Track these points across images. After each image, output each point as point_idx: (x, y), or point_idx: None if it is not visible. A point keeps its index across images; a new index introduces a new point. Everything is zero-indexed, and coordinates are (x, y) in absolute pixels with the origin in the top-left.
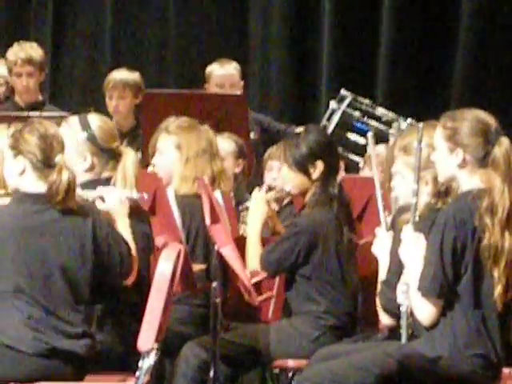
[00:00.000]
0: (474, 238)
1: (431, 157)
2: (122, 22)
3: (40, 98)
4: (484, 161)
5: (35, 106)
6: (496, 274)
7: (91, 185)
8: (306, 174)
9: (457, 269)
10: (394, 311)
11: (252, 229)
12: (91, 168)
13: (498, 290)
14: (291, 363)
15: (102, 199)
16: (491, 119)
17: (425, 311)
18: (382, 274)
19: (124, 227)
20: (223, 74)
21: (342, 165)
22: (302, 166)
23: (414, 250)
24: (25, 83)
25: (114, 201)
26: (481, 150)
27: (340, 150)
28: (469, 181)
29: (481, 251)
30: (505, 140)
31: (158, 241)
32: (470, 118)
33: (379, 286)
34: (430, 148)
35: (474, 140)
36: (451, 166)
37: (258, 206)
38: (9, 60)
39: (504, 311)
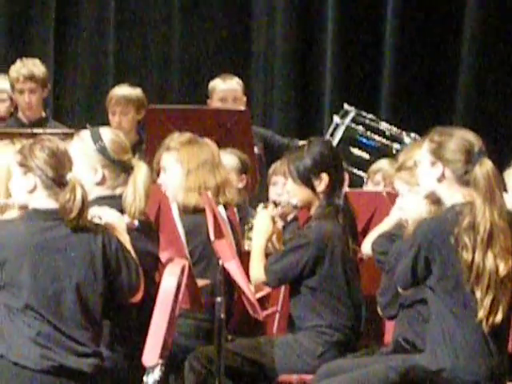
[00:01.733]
0: (450, 252)
1: (416, 170)
2: (125, 38)
3: (43, 114)
4: (463, 179)
5: (38, 123)
6: (478, 295)
7: (104, 201)
8: (311, 186)
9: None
10: (380, 259)
11: (256, 244)
12: (102, 181)
13: (481, 314)
14: (295, 379)
15: (99, 218)
16: (477, 140)
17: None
18: (384, 227)
19: (126, 243)
20: (226, 88)
21: (347, 177)
22: (307, 179)
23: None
24: (27, 100)
25: (112, 218)
26: (461, 167)
27: (344, 164)
28: (450, 197)
29: (461, 270)
30: (487, 162)
31: (163, 256)
32: (457, 136)
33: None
34: None
35: (456, 156)
36: (431, 179)
37: (263, 222)
38: (11, 77)
39: (497, 329)
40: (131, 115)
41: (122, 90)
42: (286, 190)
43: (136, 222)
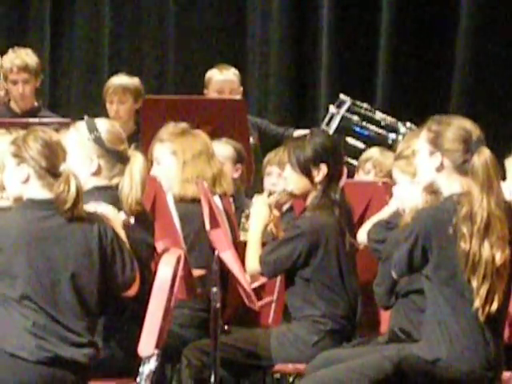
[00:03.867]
0: (448, 242)
1: (415, 160)
2: (121, 27)
3: (36, 104)
4: (462, 168)
5: (31, 113)
6: (475, 284)
7: (100, 192)
8: (309, 176)
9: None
10: (375, 247)
11: (253, 232)
12: (98, 172)
13: (477, 303)
14: (291, 368)
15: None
16: (475, 129)
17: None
18: (384, 214)
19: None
20: (223, 79)
21: (345, 170)
22: (306, 169)
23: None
24: (21, 90)
25: (108, 211)
26: (459, 156)
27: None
28: (449, 186)
29: (458, 259)
30: (485, 150)
31: (158, 246)
32: (455, 124)
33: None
34: None
35: (454, 146)
36: (430, 169)
37: (259, 211)
38: (4, 67)
39: (493, 318)
40: (129, 104)
41: (120, 79)
42: (283, 177)
43: (132, 220)
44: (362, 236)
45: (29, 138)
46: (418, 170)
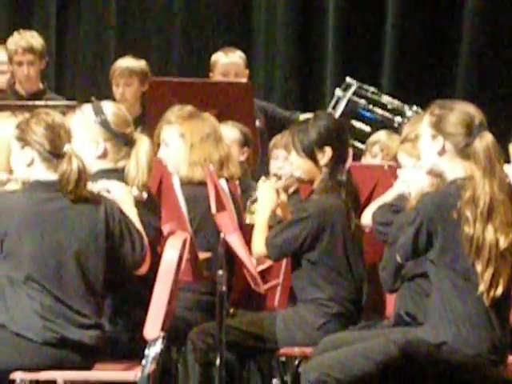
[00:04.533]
0: (452, 226)
1: (418, 144)
2: (127, 9)
3: (41, 86)
4: (464, 152)
5: (36, 95)
6: (479, 268)
7: (106, 174)
8: (314, 160)
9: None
10: (380, 230)
11: (260, 216)
12: (104, 155)
13: (481, 287)
14: (297, 351)
15: (108, 191)
16: (478, 113)
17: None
18: (385, 199)
19: (133, 217)
20: (228, 62)
21: (350, 152)
22: (311, 152)
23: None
24: (26, 72)
25: (120, 191)
26: (461, 140)
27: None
28: (452, 170)
29: (462, 244)
30: (487, 134)
31: (164, 229)
32: (457, 109)
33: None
34: None
35: (456, 129)
36: (432, 152)
37: (267, 195)
38: (9, 49)
39: (498, 302)
40: (135, 87)
41: (126, 62)
42: (289, 161)
43: (145, 195)
44: (366, 218)
45: (32, 121)
46: (421, 153)
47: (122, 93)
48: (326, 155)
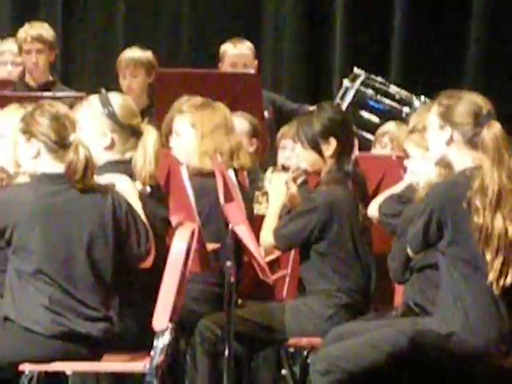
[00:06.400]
0: (462, 216)
1: (426, 134)
2: (135, 1)
3: (50, 78)
4: (472, 142)
5: (46, 86)
6: (488, 257)
7: (114, 166)
8: (319, 151)
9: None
10: (386, 221)
11: (271, 209)
12: (111, 146)
13: (491, 277)
14: (305, 342)
15: (113, 184)
16: (486, 103)
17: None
18: (395, 189)
19: (138, 210)
20: (237, 53)
21: (356, 142)
22: (315, 144)
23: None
24: (34, 60)
25: (125, 185)
26: (469, 130)
27: (354, 129)
28: (460, 160)
29: (472, 233)
30: (495, 124)
31: (173, 220)
32: (465, 99)
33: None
34: None
35: (464, 119)
36: (440, 142)
37: (278, 188)
38: (19, 38)
39: (507, 292)
40: (141, 78)
41: (133, 53)
42: (295, 153)
43: (148, 189)
44: (373, 210)
45: (36, 113)
46: (429, 144)
47: (129, 84)
48: (330, 146)
